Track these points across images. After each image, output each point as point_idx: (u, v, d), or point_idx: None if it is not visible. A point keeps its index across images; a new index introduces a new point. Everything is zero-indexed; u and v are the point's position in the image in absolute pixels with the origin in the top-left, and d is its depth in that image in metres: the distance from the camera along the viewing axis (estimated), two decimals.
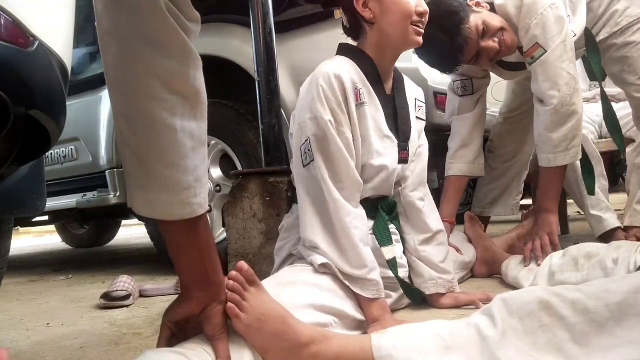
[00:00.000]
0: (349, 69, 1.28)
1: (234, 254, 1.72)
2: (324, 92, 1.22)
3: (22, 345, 1.39)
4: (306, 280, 1.16)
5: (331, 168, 1.22)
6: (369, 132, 1.30)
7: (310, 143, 1.23)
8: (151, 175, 0.78)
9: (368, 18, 1.33)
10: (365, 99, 1.29)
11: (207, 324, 0.87)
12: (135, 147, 0.78)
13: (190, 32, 0.78)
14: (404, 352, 0.82)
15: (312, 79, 1.27)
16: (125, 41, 0.73)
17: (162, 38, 0.74)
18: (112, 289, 1.87)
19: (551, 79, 1.63)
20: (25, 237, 8.82)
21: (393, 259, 1.30)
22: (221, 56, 2.26)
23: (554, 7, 1.63)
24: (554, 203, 1.70)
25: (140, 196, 0.80)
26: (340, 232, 1.18)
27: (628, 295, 0.73)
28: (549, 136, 1.66)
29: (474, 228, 1.88)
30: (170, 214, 0.80)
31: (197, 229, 0.83)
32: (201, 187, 0.82)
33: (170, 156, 0.77)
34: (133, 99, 0.76)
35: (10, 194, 1.17)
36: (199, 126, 0.81)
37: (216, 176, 2.40)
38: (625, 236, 2.02)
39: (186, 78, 0.78)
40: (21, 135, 0.86)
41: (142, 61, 0.74)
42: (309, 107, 1.23)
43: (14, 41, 0.77)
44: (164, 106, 0.75)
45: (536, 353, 0.75)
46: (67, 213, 3.11)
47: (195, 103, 0.80)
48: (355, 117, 1.26)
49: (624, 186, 2.39)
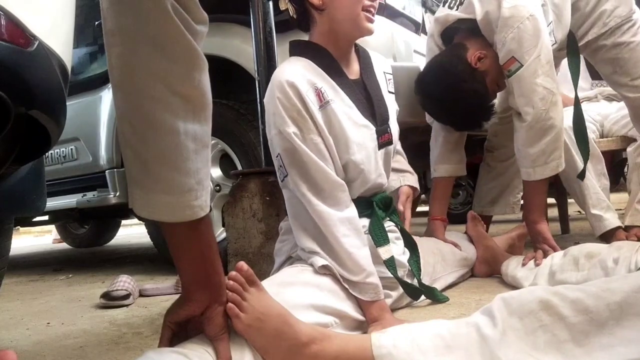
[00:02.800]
0: (302, 71, 1.24)
1: (234, 254, 1.72)
2: (281, 103, 1.20)
3: (22, 344, 1.39)
4: (306, 280, 1.16)
5: (307, 179, 1.20)
6: (342, 128, 1.25)
7: (281, 158, 1.22)
8: (152, 177, 0.78)
9: (317, 4, 1.28)
10: (329, 97, 1.24)
11: (208, 324, 0.87)
12: (136, 148, 0.77)
13: (196, 34, 0.77)
14: (404, 351, 0.82)
15: (269, 90, 1.24)
16: (129, 42, 0.73)
17: (166, 40, 0.73)
18: (112, 288, 1.87)
19: (525, 94, 1.63)
20: (25, 236, 8.83)
21: (390, 259, 1.29)
22: (221, 55, 2.26)
23: (532, 18, 1.60)
24: (539, 214, 1.72)
25: (141, 197, 0.79)
26: (332, 242, 1.18)
27: (628, 295, 0.73)
28: (526, 151, 1.66)
29: (475, 227, 1.88)
30: (171, 216, 0.80)
31: (199, 230, 0.83)
32: (202, 190, 0.81)
33: (172, 158, 0.77)
34: (136, 100, 0.75)
35: (11, 194, 1.17)
36: (202, 128, 0.80)
37: (216, 176, 2.40)
38: (626, 235, 2.02)
39: (190, 80, 0.77)
40: (21, 135, 0.86)
41: (146, 63, 0.73)
42: (273, 122, 1.22)
43: (14, 41, 0.77)
44: (167, 108, 0.75)
45: (536, 352, 0.75)
46: (67, 213, 3.11)
47: (199, 105, 0.79)
48: (320, 119, 1.22)
49: (625, 185, 2.38)
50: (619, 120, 2.34)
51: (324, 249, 1.19)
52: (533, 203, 1.73)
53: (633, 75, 1.85)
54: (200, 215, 0.81)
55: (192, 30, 0.76)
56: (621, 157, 2.85)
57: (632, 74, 1.85)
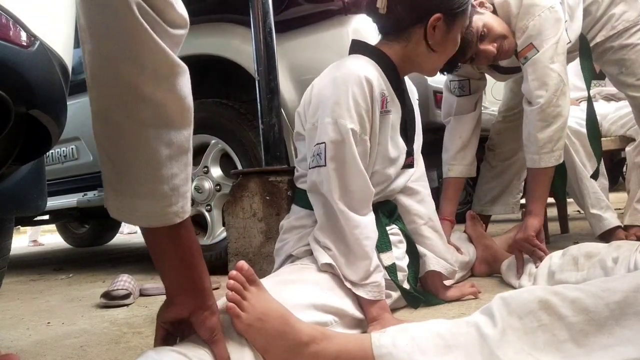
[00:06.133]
0: (376, 74, 1.24)
1: (234, 253, 1.72)
2: (353, 97, 1.17)
3: (22, 344, 1.39)
4: (306, 279, 1.16)
5: (342, 177, 1.18)
6: (386, 140, 1.28)
7: (325, 148, 1.18)
8: (124, 181, 0.75)
9: (432, 44, 1.31)
10: (389, 107, 1.27)
11: (199, 328, 0.85)
12: (108, 150, 0.75)
13: (170, 37, 0.72)
14: (404, 350, 0.82)
15: (339, 79, 1.21)
16: (98, 40, 0.69)
17: (132, 42, 0.68)
18: (112, 287, 1.87)
19: (540, 78, 1.64)
20: (25, 236, 8.81)
21: (392, 265, 1.30)
22: (221, 55, 2.26)
23: (552, 9, 1.64)
24: (539, 205, 1.68)
25: (114, 199, 0.76)
26: (353, 244, 1.17)
27: (628, 294, 0.73)
28: (535, 136, 1.66)
29: (474, 227, 1.88)
30: (143, 221, 0.77)
31: (177, 236, 0.80)
32: (179, 197, 0.77)
33: (143, 165, 0.73)
34: (104, 101, 0.72)
35: (11, 193, 1.17)
36: (179, 133, 0.75)
37: (216, 175, 2.41)
38: (625, 235, 2.02)
39: (162, 85, 0.72)
40: (22, 135, 0.86)
41: (113, 63, 0.69)
42: (331, 110, 1.18)
43: (15, 41, 0.77)
44: (135, 114, 0.71)
45: (536, 352, 0.75)
46: (67, 212, 3.11)
47: (175, 110, 0.75)
48: (377, 125, 1.23)
49: (624, 185, 2.39)
50: (618, 120, 2.35)
51: (342, 245, 1.18)
52: (535, 192, 1.70)
53: (638, 75, 1.90)
54: (175, 221, 0.78)
55: (163, 34, 0.71)
56: (620, 156, 2.85)
57: (638, 74, 1.90)
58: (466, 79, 1.95)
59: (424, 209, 1.44)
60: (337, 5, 2.06)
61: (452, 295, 1.42)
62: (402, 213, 1.43)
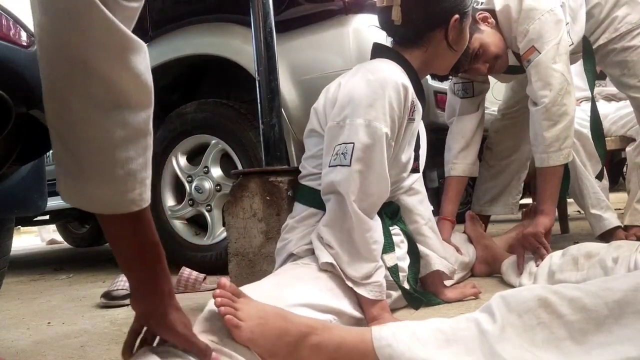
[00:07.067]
0: (407, 81, 1.25)
1: (234, 253, 1.72)
2: (389, 102, 1.18)
3: (22, 344, 1.39)
4: (305, 279, 1.16)
5: (364, 180, 1.17)
6: (404, 146, 1.30)
7: (353, 148, 1.16)
8: (75, 162, 0.70)
9: (451, 41, 1.35)
10: (415, 115, 1.30)
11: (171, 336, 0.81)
12: (58, 129, 0.70)
13: (123, 11, 0.67)
14: (404, 342, 0.82)
15: (374, 82, 1.20)
16: (46, 12, 0.64)
17: (79, 15, 0.63)
18: (112, 287, 1.88)
19: (543, 78, 1.65)
20: (26, 236, 8.83)
21: (394, 266, 1.30)
22: (221, 55, 2.26)
23: (552, 12, 1.66)
24: (549, 204, 1.68)
25: (64, 182, 0.71)
26: (362, 247, 1.17)
27: (627, 293, 0.74)
28: (542, 135, 1.67)
29: (474, 227, 1.88)
30: (93, 206, 0.72)
31: (133, 227, 0.75)
32: (135, 182, 0.72)
33: (94, 146, 0.68)
34: (54, 77, 0.67)
35: (12, 193, 1.18)
36: (135, 114, 0.70)
37: (216, 175, 2.41)
38: (625, 235, 2.02)
39: (114, 61, 0.67)
40: (22, 135, 0.86)
41: (62, 39, 0.65)
42: (364, 111, 1.18)
43: (15, 41, 0.77)
44: (83, 90, 0.66)
45: (534, 349, 0.75)
46: (67, 212, 3.11)
47: (128, 88, 0.69)
48: (402, 131, 1.25)
49: (624, 185, 2.39)
50: (618, 120, 2.36)
51: (349, 246, 1.18)
52: (545, 191, 1.70)
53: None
54: (132, 209, 0.72)
55: (114, 7, 0.66)
56: (620, 156, 2.85)
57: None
58: (470, 81, 1.96)
59: (424, 209, 1.45)
60: (337, 5, 2.05)
61: (452, 297, 1.42)
62: (404, 213, 1.43)
